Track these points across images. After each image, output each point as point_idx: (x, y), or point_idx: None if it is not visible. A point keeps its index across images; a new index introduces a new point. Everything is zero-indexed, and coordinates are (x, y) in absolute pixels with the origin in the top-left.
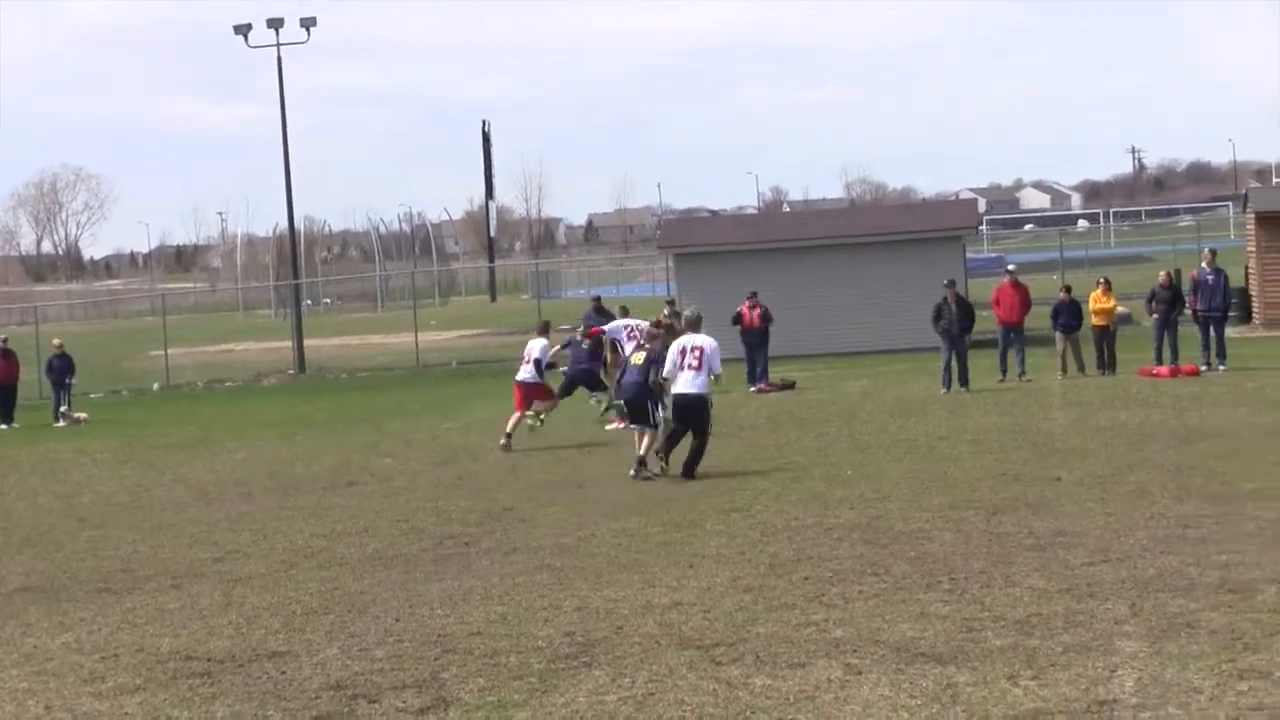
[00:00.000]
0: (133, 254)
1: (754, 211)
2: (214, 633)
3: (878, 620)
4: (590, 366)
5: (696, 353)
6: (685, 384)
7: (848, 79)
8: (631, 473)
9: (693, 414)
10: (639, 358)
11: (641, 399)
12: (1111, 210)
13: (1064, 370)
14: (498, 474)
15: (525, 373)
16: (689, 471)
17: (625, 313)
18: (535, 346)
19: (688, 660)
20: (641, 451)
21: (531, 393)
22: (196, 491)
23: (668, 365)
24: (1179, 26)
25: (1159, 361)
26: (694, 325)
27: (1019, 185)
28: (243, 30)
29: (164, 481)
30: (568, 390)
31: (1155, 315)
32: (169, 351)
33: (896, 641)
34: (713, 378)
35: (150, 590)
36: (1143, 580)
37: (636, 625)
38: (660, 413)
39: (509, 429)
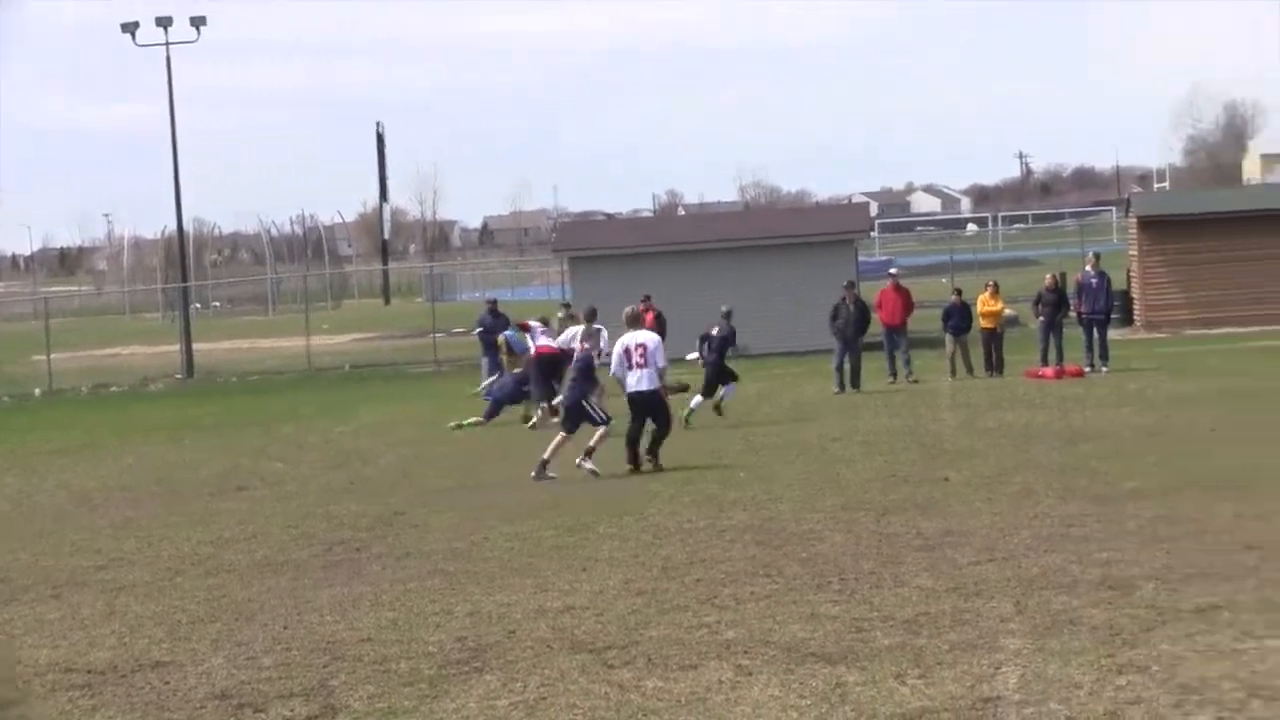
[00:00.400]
0: (14, 256)
1: (649, 215)
2: (95, 643)
3: (769, 621)
4: (517, 390)
5: (640, 350)
6: (636, 382)
7: (743, 82)
8: (577, 461)
9: (649, 410)
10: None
11: (578, 405)
12: (1000, 214)
13: (953, 372)
14: (390, 478)
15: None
16: (655, 457)
17: (584, 317)
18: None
19: (580, 664)
20: (592, 442)
21: None
22: (80, 498)
23: (614, 365)
24: (1066, 34)
25: (1044, 363)
26: (633, 322)
27: (910, 189)
28: (130, 28)
29: (46, 488)
30: (495, 411)
31: (1041, 318)
32: (52, 356)
33: (787, 642)
34: (659, 370)
35: (29, 600)
36: (1027, 578)
37: (529, 629)
38: (602, 411)
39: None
